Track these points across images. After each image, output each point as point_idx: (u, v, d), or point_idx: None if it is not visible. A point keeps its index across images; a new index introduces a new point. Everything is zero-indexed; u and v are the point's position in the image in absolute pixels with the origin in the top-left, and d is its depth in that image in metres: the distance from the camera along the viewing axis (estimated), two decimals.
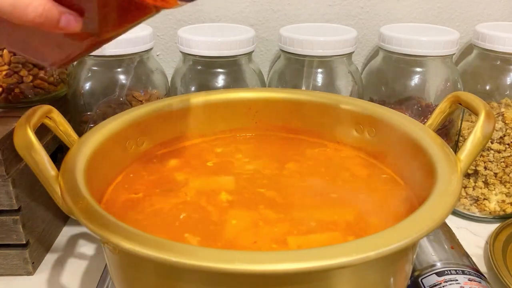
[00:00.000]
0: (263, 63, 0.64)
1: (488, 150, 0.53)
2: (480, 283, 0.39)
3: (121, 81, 0.50)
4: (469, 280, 0.39)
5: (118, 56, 0.49)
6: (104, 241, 0.29)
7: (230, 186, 0.38)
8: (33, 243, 0.46)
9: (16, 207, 0.43)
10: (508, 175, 0.53)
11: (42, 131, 0.46)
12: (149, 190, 0.37)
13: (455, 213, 0.57)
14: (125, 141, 0.39)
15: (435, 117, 0.39)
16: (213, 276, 0.26)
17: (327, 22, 0.63)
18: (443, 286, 0.39)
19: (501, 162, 0.53)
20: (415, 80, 0.53)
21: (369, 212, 0.35)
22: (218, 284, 0.26)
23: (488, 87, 0.54)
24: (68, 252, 0.50)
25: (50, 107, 0.36)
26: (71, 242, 0.52)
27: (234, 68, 0.53)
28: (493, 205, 0.54)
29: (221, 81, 0.52)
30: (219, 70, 0.52)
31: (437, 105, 0.40)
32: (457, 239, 0.45)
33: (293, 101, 0.45)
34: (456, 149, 0.56)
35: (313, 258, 0.24)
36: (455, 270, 0.40)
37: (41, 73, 0.50)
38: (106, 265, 0.43)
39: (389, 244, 0.25)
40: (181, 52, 0.52)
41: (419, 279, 0.41)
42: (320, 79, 0.53)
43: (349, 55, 0.54)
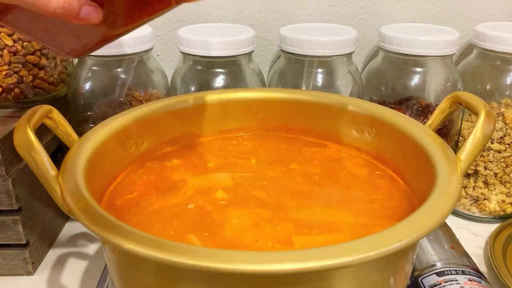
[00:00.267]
0: (263, 63, 0.64)
1: (488, 150, 0.53)
2: (480, 283, 0.39)
3: (121, 81, 0.50)
4: (469, 280, 0.39)
5: (118, 56, 0.49)
6: (104, 241, 0.29)
7: (230, 186, 0.38)
8: (33, 243, 0.46)
9: (16, 207, 0.43)
10: (508, 175, 0.53)
11: (42, 131, 0.46)
12: (149, 190, 0.37)
13: (455, 213, 0.57)
14: (125, 141, 0.39)
15: (435, 117, 0.39)
16: (213, 276, 0.26)
17: (327, 22, 0.63)
18: (443, 286, 0.39)
19: (501, 162, 0.53)
20: (415, 80, 0.53)
21: (369, 212, 0.35)
22: (218, 284, 0.26)
23: (488, 87, 0.54)
24: (68, 252, 0.50)
25: (50, 107, 0.36)
26: (71, 242, 0.52)
27: (234, 68, 0.53)
28: (493, 205, 0.54)
29: (221, 81, 0.52)
30: (219, 70, 0.52)
31: (437, 105, 0.40)
32: (457, 239, 0.45)
33: (293, 101, 0.45)
34: (456, 149, 0.56)
35: (313, 258, 0.24)
36: (455, 270, 0.40)
37: (41, 73, 0.50)
38: (106, 265, 0.43)
39: (389, 244, 0.25)
40: (181, 52, 0.52)
41: (419, 279, 0.41)
42: (320, 79, 0.53)
43: (349, 55, 0.54)
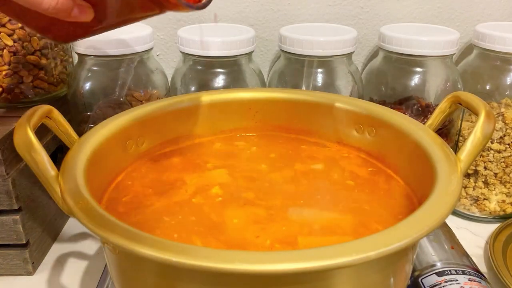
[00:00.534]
0: (263, 63, 0.64)
1: (488, 150, 0.53)
2: (480, 283, 0.39)
3: (121, 81, 0.50)
4: (469, 280, 0.39)
5: (118, 56, 0.49)
6: (104, 241, 0.29)
7: (230, 186, 0.38)
8: (33, 243, 0.46)
9: (16, 207, 0.43)
10: (508, 175, 0.53)
11: (42, 131, 0.46)
12: (149, 190, 0.37)
13: (455, 213, 0.57)
14: (125, 141, 0.39)
15: (435, 117, 0.39)
16: (213, 276, 0.26)
17: (327, 22, 0.63)
18: (443, 286, 0.39)
19: (501, 162, 0.53)
20: (415, 80, 0.53)
21: (369, 212, 0.35)
22: (218, 284, 0.26)
23: (488, 87, 0.54)
24: (68, 252, 0.50)
25: (50, 107, 0.36)
26: (71, 242, 0.52)
27: (234, 68, 0.53)
28: (493, 205, 0.54)
29: (221, 81, 0.52)
30: (219, 70, 0.52)
31: (437, 105, 0.40)
32: (457, 239, 0.45)
33: (293, 101, 0.45)
34: (456, 149, 0.56)
35: (313, 258, 0.24)
36: (455, 270, 0.40)
37: (41, 73, 0.50)
38: (106, 265, 0.43)
39: (389, 244, 0.25)
40: (181, 52, 0.52)
41: (419, 279, 0.41)
42: (320, 79, 0.53)
43: (349, 55, 0.54)
